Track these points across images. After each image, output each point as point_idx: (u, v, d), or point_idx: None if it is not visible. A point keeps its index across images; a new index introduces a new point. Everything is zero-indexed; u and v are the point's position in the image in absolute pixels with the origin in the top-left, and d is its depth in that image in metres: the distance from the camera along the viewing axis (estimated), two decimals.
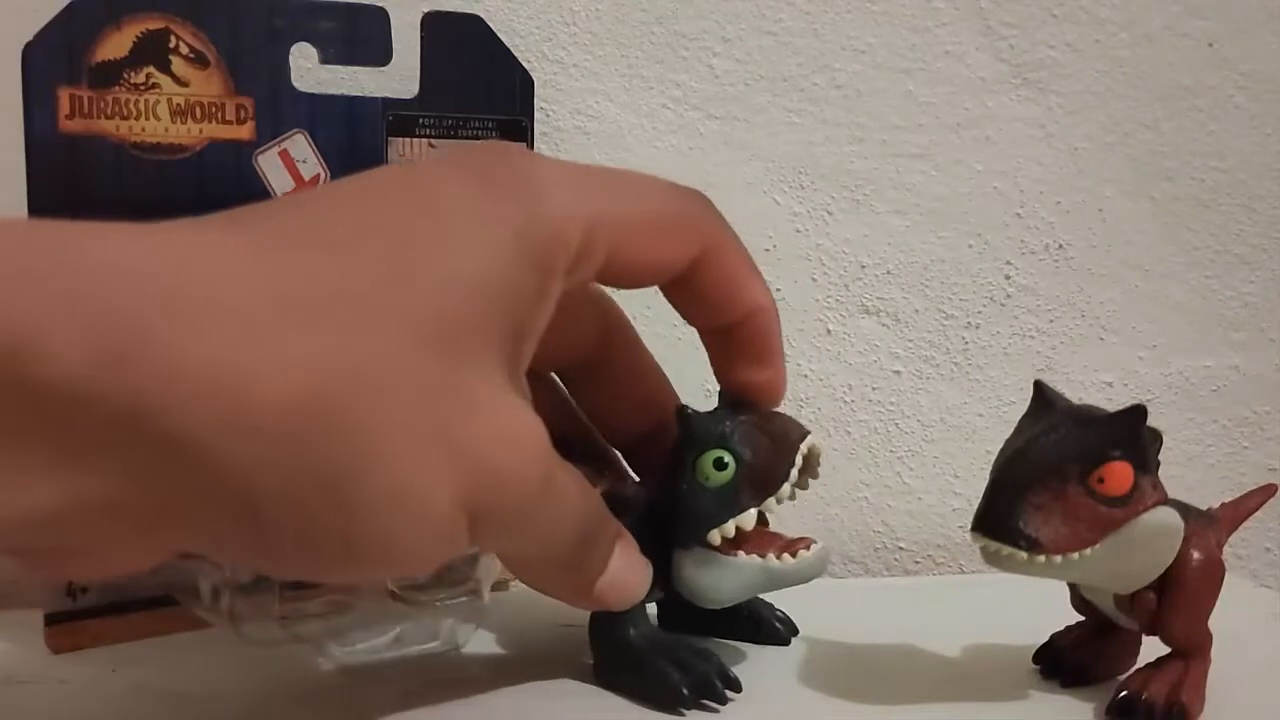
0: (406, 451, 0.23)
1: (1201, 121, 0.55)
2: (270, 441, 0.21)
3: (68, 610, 0.39)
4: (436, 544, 0.25)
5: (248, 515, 0.22)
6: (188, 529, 0.23)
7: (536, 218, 0.26)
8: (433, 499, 0.24)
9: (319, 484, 0.22)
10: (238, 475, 0.22)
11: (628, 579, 0.32)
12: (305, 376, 0.22)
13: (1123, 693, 0.34)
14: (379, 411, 0.23)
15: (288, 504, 0.22)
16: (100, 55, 0.37)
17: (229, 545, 0.24)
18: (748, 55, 0.51)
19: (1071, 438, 0.31)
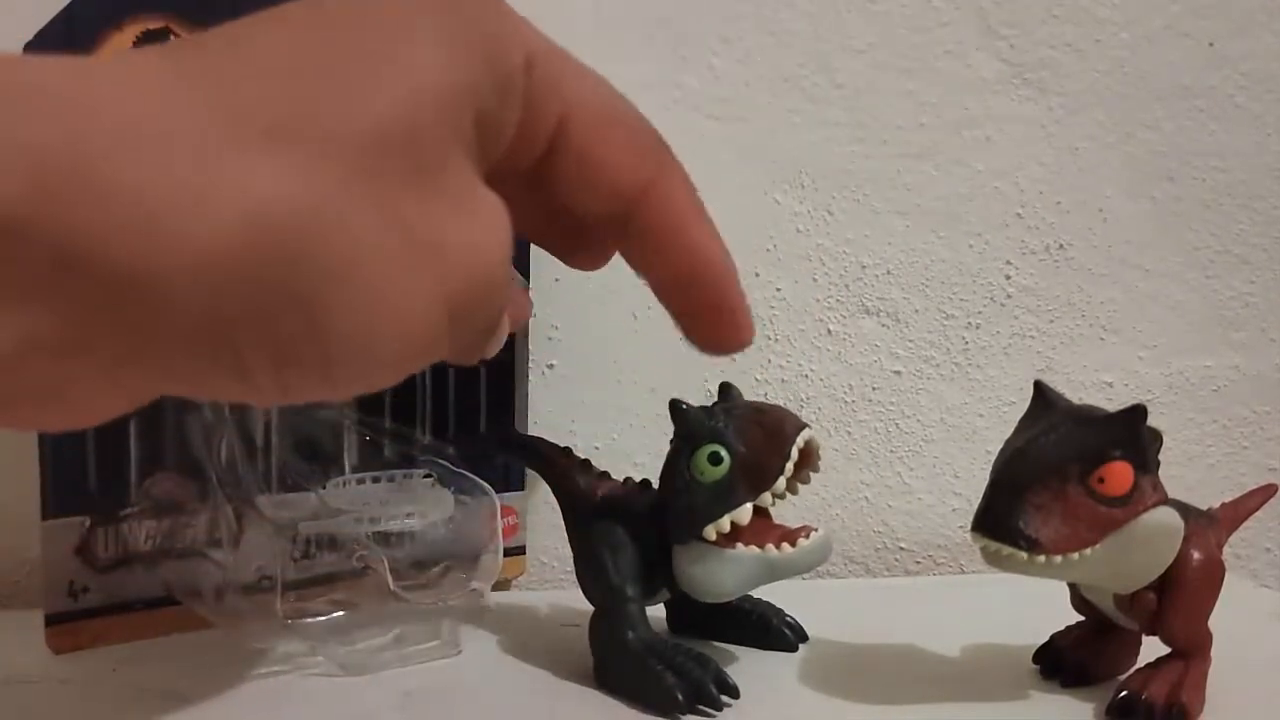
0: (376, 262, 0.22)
1: (1202, 121, 0.55)
2: (230, 269, 0.21)
3: (68, 610, 0.39)
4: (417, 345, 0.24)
5: (220, 347, 0.21)
6: (158, 368, 0.22)
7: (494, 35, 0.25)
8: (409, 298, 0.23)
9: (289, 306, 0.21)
10: (200, 307, 0.21)
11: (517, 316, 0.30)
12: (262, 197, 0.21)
13: (1123, 692, 0.34)
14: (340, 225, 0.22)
15: (261, 330, 0.21)
16: (100, 55, 0.37)
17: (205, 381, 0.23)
18: (748, 55, 0.51)
19: (1071, 438, 0.31)
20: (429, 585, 0.37)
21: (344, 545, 0.38)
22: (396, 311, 0.23)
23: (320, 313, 0.22)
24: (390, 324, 0.23)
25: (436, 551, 0.38)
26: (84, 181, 0.19)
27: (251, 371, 0.22)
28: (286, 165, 0.21)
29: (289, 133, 0.22)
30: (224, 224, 0.20)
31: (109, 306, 0.20)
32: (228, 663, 0.37)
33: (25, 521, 0.40)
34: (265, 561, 0.36)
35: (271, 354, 0.22)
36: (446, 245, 0.24)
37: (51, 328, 0.20)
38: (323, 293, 0.22)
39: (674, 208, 0.30)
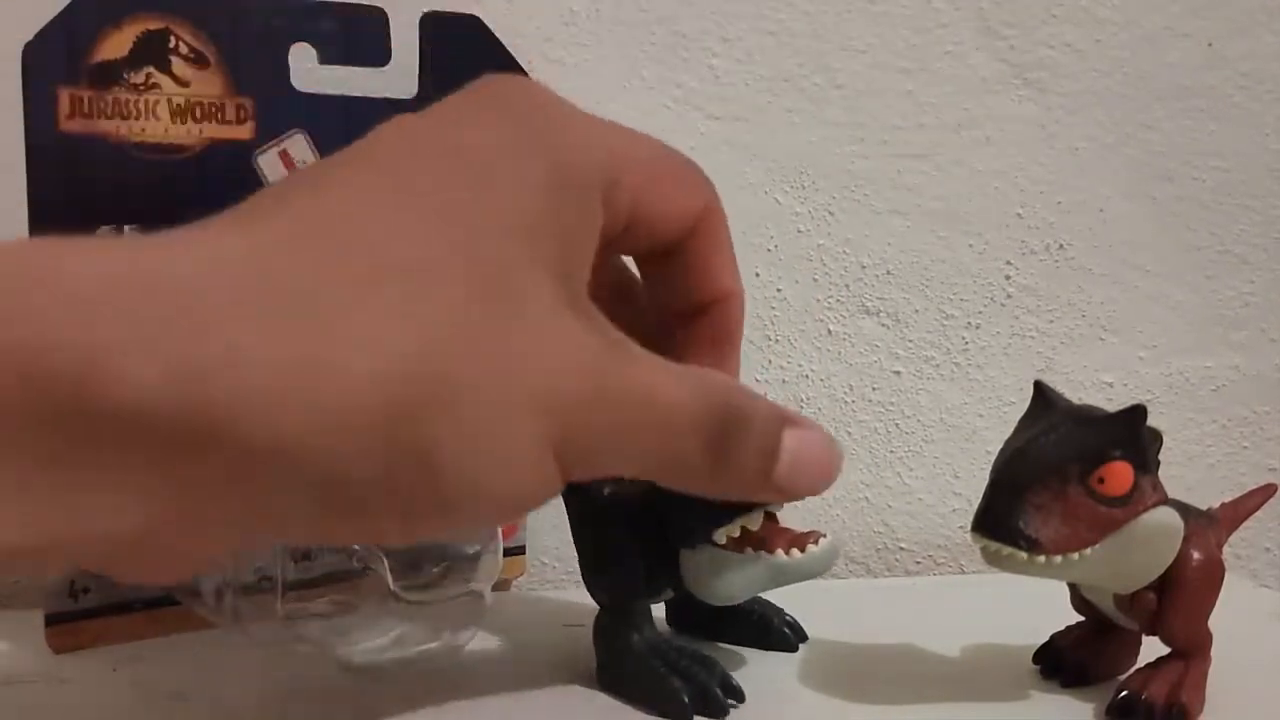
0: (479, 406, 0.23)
1: (1201, 121, 0.55)
2: (357, 431, 0.21)
3: (69, 610, 0.39)
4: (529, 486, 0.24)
5: (341, 503, 0.22)
6: (276, 526, 0.23)
7: (570, 151, 0.26)
8: (513, 444, 0.23)
9: (410, 460, 0.22)
10: (327, 471, 0.21)
11: (810, 463, 0.28)
12: (378, 359, 0.21)
13: (1123, 693, 0.34)
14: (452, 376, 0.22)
15: (382, 485, 0.22)
16: (100, 55, 0.37)
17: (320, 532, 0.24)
18: (748, 55, 0.51)
19: (1071, 438, 0.31)
20: (429, 585, 0.37)
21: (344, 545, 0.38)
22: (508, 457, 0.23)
23: (437, 464, 0.22)
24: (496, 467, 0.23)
25: (436, 551, 0.38)
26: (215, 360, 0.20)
27: (379, 525, 0.23)
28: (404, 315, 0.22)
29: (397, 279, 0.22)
30: (354, 387, 0.21)
31: (239, 479, 0.21)
32: (228, 663, 0.37)
33: None
34: (265, 561, 0.36)
35: (398, 509, 0.23)
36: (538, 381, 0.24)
37: (184, 501, 0.21)
38: (439, 443, 0.22)
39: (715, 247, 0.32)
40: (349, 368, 0.21)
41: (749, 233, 0.51)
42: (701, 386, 0.26)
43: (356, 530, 0.23)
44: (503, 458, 0.23)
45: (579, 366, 0.24)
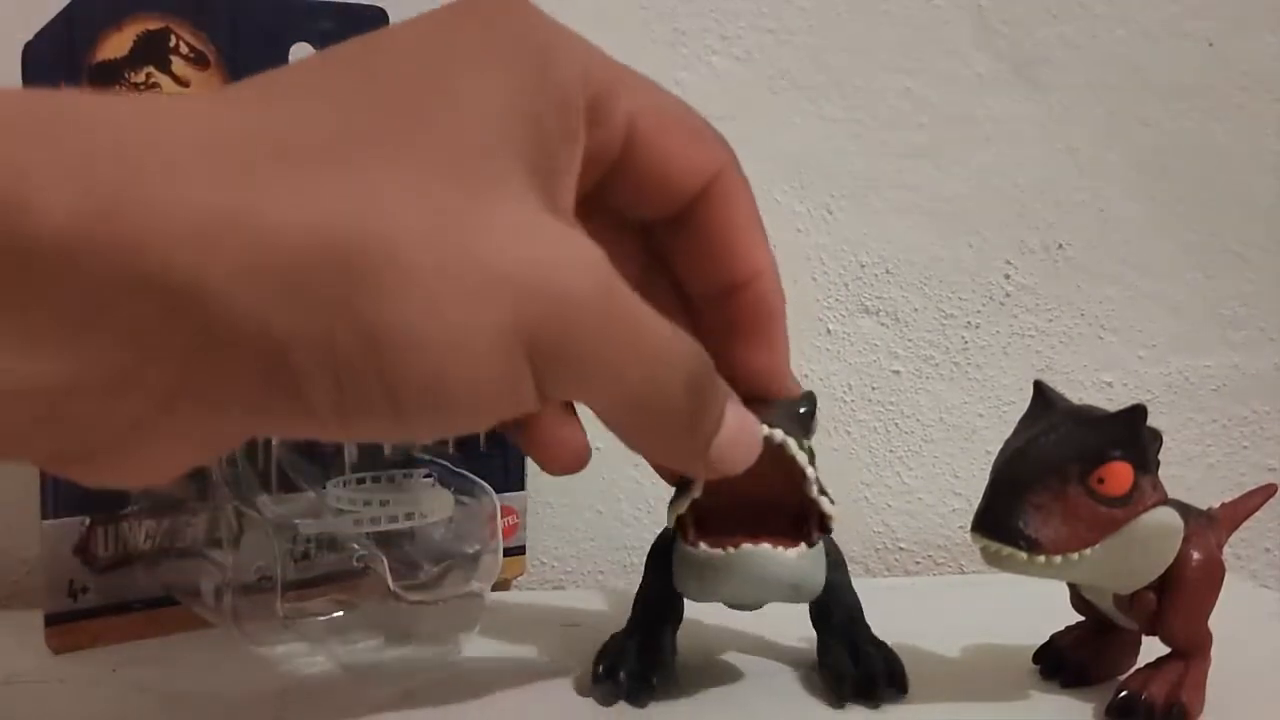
0: (438, 283, 0.21)
1: (1201, 121, 0.55)
2: (288, 286, 0.20)
3: (69, 610, 0.39)
4: (494, 385, 0.22)
5: (278, 372, 0.20)
6: (215, 400, 0.21)
7: (551, 55, 0.25)
8: (478, 331, 0.21)
9: (350, 327, 0.20)
10: (256, 327, 0.20)
11: (741, 440, 0.28)
12: (317, 215, 0.20)
13: (1123, 693, 0.34)
14: (402, 244, 0.20)
15: (319, 353, 0.20)
16: (100, 55, 0.37)
17: (265, 413, 0.21)
18: (747, 53, 0.51)
19: (1071, 438, 0.31)
20: (429, 585, 0.37)
21: (344, 545, 0.38)
22: (462, 340, 0.21)
23: (381, 336, 0.20)
24: (456, 354, 0.21)
25: (436, 551, 0.38)
26: (142, 198, 0.19)
27: (310, 398, 0.21)
28: (343, 182, 0.21)
29: (343, 152, 0.21)
30: (281, 236, 0.20)
31: (162, 329, 0.19)
32: (228, 663, 0.37)
33: (25, 521, 0.40)
34: (265, 561, 0.36)
35: (331, 378, 0.21)
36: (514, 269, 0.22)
37: (110, 356, 0.19)
38: (383, 314, 0.20)
39: (736, 208, 0.30)
40: (280, 218, 0.20)
41: None
42: (685, 336, 0.25)
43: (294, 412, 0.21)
44: (459, 342, 0.21)
45: (562, 260, 0.22)
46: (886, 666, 0.36)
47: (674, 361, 0.25)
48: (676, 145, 0.28)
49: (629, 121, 0.27)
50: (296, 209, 0.20)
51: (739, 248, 0.30)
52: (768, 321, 0.31)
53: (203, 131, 0.20)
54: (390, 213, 0.21)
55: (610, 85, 0.26)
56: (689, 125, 0.29)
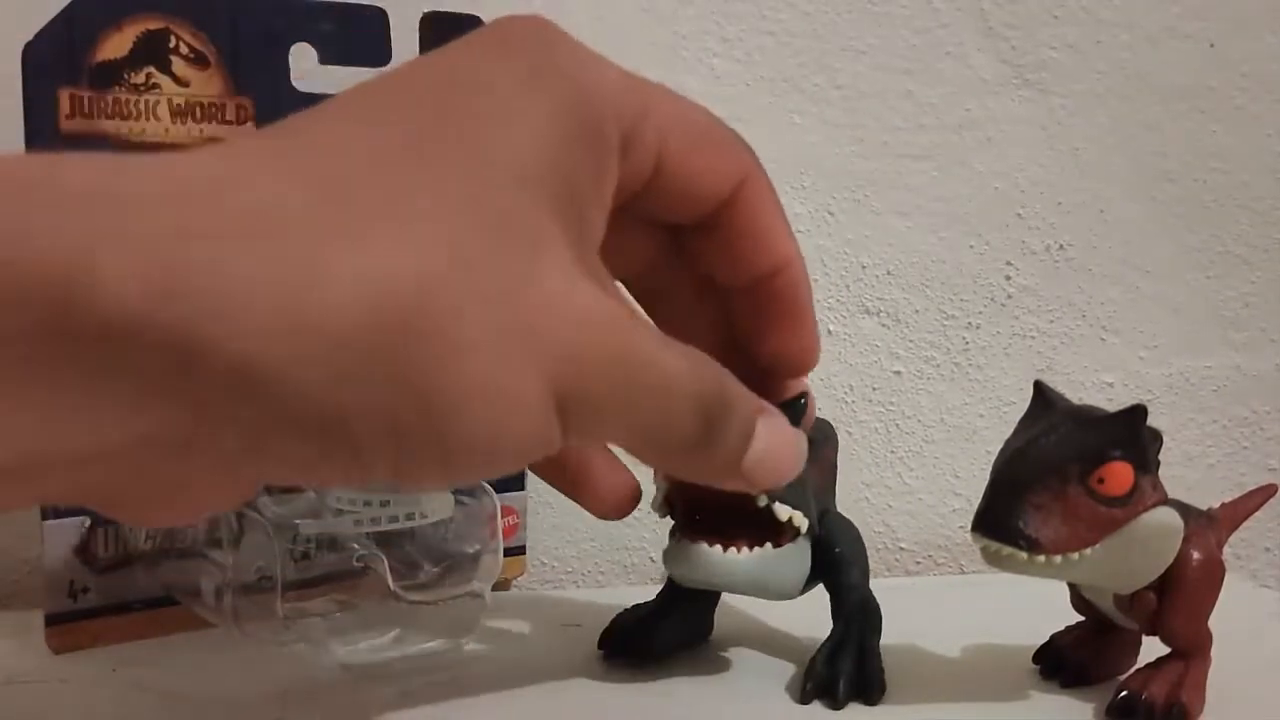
0: (485, 345, 0.22)
1: (1202, 122, 0.55)
2: (346, 356, 0.20)
3: (69, 610, 0.39)
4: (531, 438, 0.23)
5: (337, 438, 0.21)
6: (274, 461, 0.22)
7: (581, 90, 0.25)
8: (521, 389, 0.22)
9: (406, 392, 0.21)
10: (317, 398, 0.20)
11: (778, 452, 0.29)
12: (370, 283, 0.20)
13: (1123, 693, 0.34)
14: (451, 309, 0.21)
15: (378, 418, 0.21)
16: (100, 55, 0.37)
17: (322, 471, 0.22)
18: (748, 56, 0.51)
19: (1071, 438, 0.31)
20: (429, 585, 0.37)
21: (344, 545, 0.38)
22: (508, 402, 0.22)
23: (436, 397, 0.21)
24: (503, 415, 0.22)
25: (436, 551, 0.38)
26: (198, 277, 0.19)
27: (366, 456, 0.22)
28: (398, 245, 0.21)
29: (396, 213, 0.21)
30: (343, 307, 0.20)
31: (228, 402, 0.20)
32: (228, 663, 0.37)
33: (25, 521, 0.40)
34: (265, 561, 0.36)
35: (386, 436, 0.21)
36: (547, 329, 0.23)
37: (169, 428, 0.20)
38: (439, 376, 0.21)
39: (763, 211, 0.30)
40: (339, 287, 0.20)
41: None
42: (697, 360, 0.26)
43: (348, 468, 0.22)
44: (506, 402, 0.22)
45: (590, 321, 0.24)
46: (855, 672, 0.35)
47: (685, 391, 0.26)
48: (704, 160, 0.29)
49: (658, 144, 0.27)
50: (351, 279, 0.20)
51: (767, 242, 0.31)
52: (799, 307, 0.31)
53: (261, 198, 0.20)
54: (442, 277, 0.21)
55: (639, 111, 0.27)
56: (713, 136, 0.29)
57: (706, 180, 0.29)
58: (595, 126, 0.25)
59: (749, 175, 0.30)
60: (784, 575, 0.35)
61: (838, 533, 0.37)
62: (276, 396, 0.20)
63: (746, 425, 0.28)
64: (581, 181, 0.25)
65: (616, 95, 0.26)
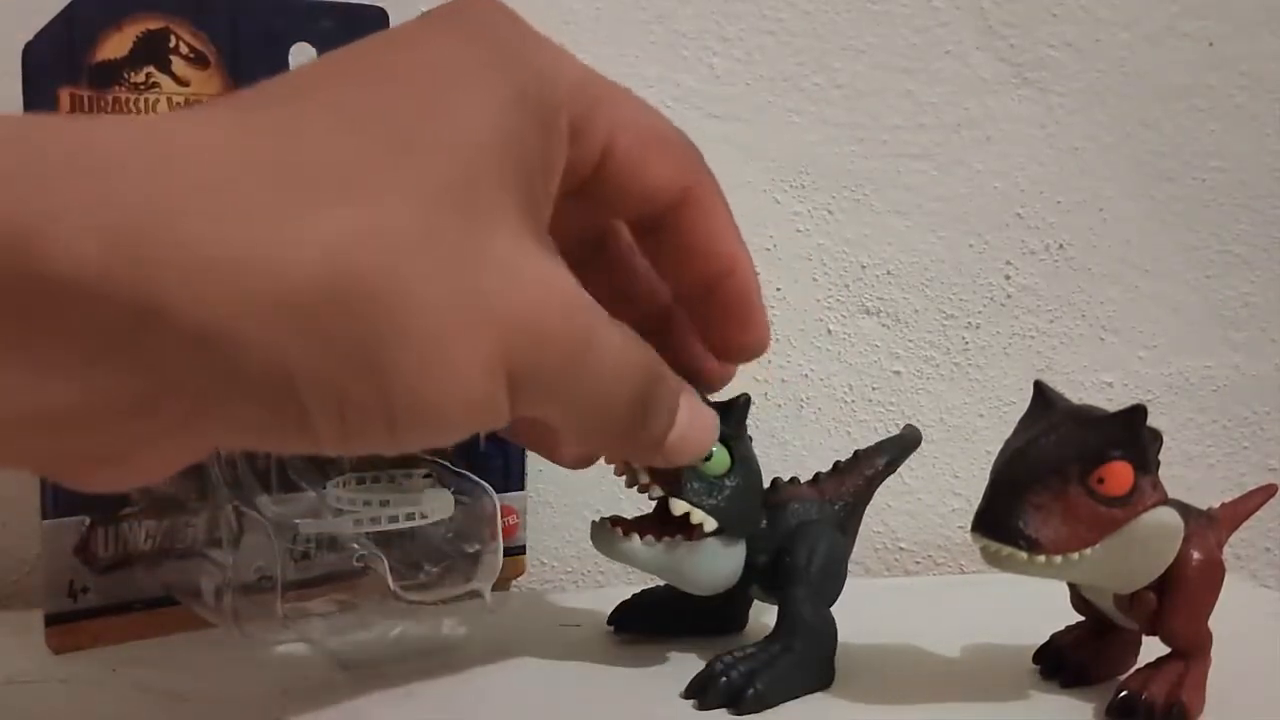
0: (436, 316, 0.22)
1: (1202, 121, 0.55)
2: (301, 321, 0.21)
3: (69, 610, 0.39)
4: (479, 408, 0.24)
5: (286, 400, 0.21)
6: (223, 423, 0.22)
7: (536, 73, 0.25)
8: (468, 361, 0.23)
9: (356, 358, 0.22)
10: (271, 361, 0.21)
11: (697, 432, 0.31)
12: (328, 251, 0.21)
13: (1123, 692, 0.34)
14: (404, 278, 0.22)
15: (326, 382, 0.22)
16: (100, 55, 0.37)
17: (269, 434, 0.23)
18: (748, 55, 0.51)
19: (1071, 438, 0.31)
20: (429, 585, 0.37)
21: (344, 545, 0.38)
22: (457, 368, 0.23)
23: (385, 364, 0.22)
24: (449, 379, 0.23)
25: (436, 552, 0.38)
26: (160, 239, 0.19)
27: (315, 424, 0.22)
28: (356, 216, 0.22)
29: (356, 185, 0.22)
30: (301, 273, 0.21)
31: (182, 363, 0.20)
32: (228, 663, 0.37)
33: (25, 521, 0.40)
34: (265, 561, 0.36)
35: (336, 407, 0.22)
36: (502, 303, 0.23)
37: (123, 388, 0.20)
38: (389, 344, 0.22)
39: (711, 214, 0.31)
40: (293, 255, 0.21)
41: (749, 233, 0.51)
42: (636, 342, 0.27)
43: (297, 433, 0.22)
44: (454, 370, 0.23)
45: (546, 295, 0.24)
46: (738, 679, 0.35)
47: (623, 375, 0.27)
48: (652, 159, 0.29)
49: (607, 138, 0.28)
50: (309, 246, 0.21)
51: (716, 245, 0.31)
52: (748, 305, 0.32)
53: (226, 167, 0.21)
54: (398, 248, 0.22)
55: (591, 102, 0.27)
56: (663, 138, 0.30)
57: (652, 179, 0.29)
58: (549, 110, 0.26)
59: (698, 180, 0.30)
60: (697, 568, 0.36)
61: (802, 546, 0.37)
62: (230, 359, 0.21)
63: (673, 406, 0.29)
64: (533, 161, 0.25)
65: (570, 84, 0.26)
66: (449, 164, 0.23)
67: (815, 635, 0.36)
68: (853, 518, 0.40)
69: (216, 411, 0.22)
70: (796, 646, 0.36)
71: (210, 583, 0.37)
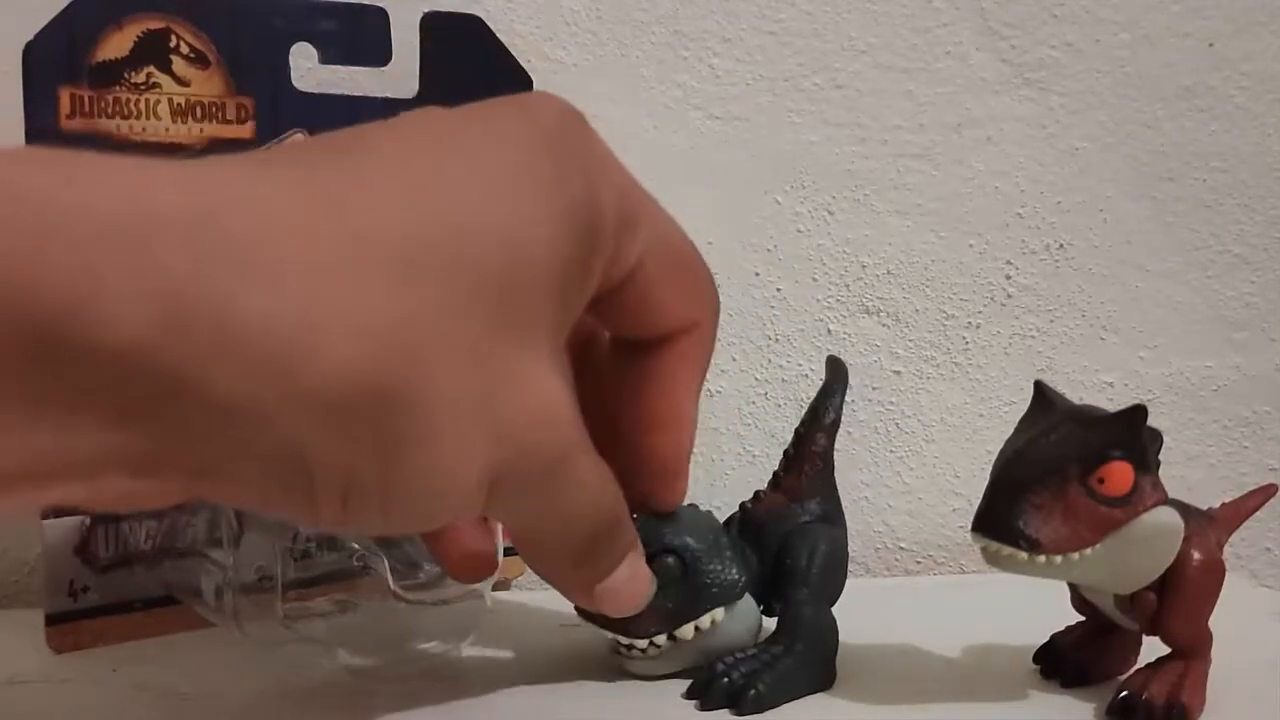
0: (451, 419, 0.23)
1: (1202, 121, 0.55)
2: (329, 410, 0.21)
3: (69, 610, 0.39)
4: (460, 510, 0.25)
5: (295, 476, 0.22)
6: (229, 488, 0.22)
7: (591, 188, 0.25)
8: (466, 467, 0.23)
9: (372, 450, 0.22)
10: (289, 440, 0.21)
11: (631, 589, 0.31)
12: (368, 342, 0.21)
13: (1123, 693, 0.34)
14: (433, 383, 0.22)
15: (340, 469, 0.22)
16: (101, 55, 0.37)
17: (270, 504, 0.23)
18: (749, 55, 0.51)
19: (1072, 438, 0.31)
20: (429, 585, 0.37)
21: (344, 545, 0.38)
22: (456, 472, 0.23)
23: (394, 457, 0.22)
24: (448, 483, 0.23)
25: None
26: (205, 312, 0.19)
27: (318, 503, 0.22)
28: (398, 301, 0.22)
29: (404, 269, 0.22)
30: (335, 363, 0.21)
31: (200, 433, 0.20)
32: (228, 663, 0.37)
33: (25, 521, 0.40)
34: (266, 561, 0.36)
35: (341, 491, 0.22)
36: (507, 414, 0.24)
37: (145, 448, 0.20)
38: (406, 440, 0.22)
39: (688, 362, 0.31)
40: (334, 342, 0.21)
41: (749, 233, 0.51)
42: (608, 483, 0.28)
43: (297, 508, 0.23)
44: (453, 474, 0.23)
45: (548, 416, 0.25)
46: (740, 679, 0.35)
47: (589, 515, 0.27)
48: (671, 289, 0.29)
49: (638, 260, 0.28)
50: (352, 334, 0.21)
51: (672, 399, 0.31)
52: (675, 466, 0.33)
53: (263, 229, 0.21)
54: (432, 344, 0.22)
55: (631, 222, 0.27)
56: (685, 266, 0.30)
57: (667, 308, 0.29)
58: (597, 231, 0.26)
59: (703, 318, 0.30)
60: (730, 639, 0.36)
61: (802, 548, 0.37)
62: (249, 434, 0.21)
63: (620, 557, 0.30)
64: (573, 275, 0.25)
65: (618, 199, 0.26)
66: (499, 262, 0.23)
67: (816, 636, 0.36)
68: (830, 500, 0.39)
69: (228, 478, 0.22)
70: (798, 648, 0.35)
71: (210, 582, 0.37)
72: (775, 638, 0.36)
